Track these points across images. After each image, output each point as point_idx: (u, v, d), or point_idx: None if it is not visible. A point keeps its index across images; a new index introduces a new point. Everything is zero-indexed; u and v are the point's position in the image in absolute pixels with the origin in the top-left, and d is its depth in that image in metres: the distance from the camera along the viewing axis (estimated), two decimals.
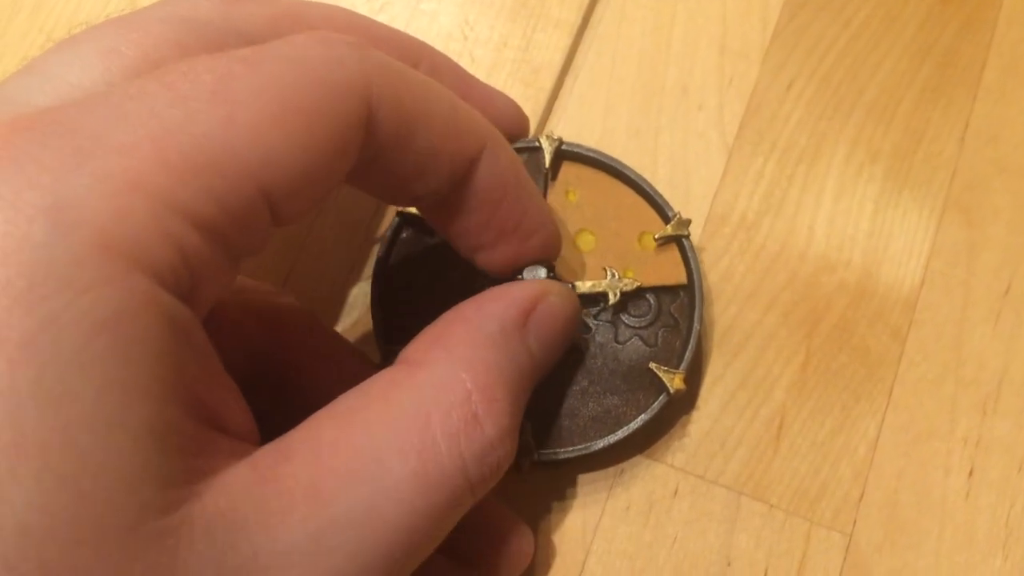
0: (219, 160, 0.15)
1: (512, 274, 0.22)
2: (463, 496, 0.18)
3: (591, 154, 0.26)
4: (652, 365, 0.24)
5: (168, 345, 0.14)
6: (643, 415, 0.24)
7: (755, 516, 0.24)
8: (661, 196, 0.25)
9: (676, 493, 0.24)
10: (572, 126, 0.28)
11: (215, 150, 0.15)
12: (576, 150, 0.26)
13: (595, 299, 0.24)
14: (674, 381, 0.24)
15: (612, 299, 0.24)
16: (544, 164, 0.25)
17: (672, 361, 0.24)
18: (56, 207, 0.14)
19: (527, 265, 0.22)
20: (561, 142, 0.25)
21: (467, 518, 0.22)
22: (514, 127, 0.25)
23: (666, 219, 0.25)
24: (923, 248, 0.26)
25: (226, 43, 0.18)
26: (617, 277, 0.24)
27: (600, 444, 0.24)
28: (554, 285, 0.22)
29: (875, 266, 0.26)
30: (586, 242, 0.25)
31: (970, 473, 0.25)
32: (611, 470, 0.25)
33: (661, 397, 0.24)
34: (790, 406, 0.25)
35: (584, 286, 0.24)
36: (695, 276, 0.24)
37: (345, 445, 0.17)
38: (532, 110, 0.27)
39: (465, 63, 0.28)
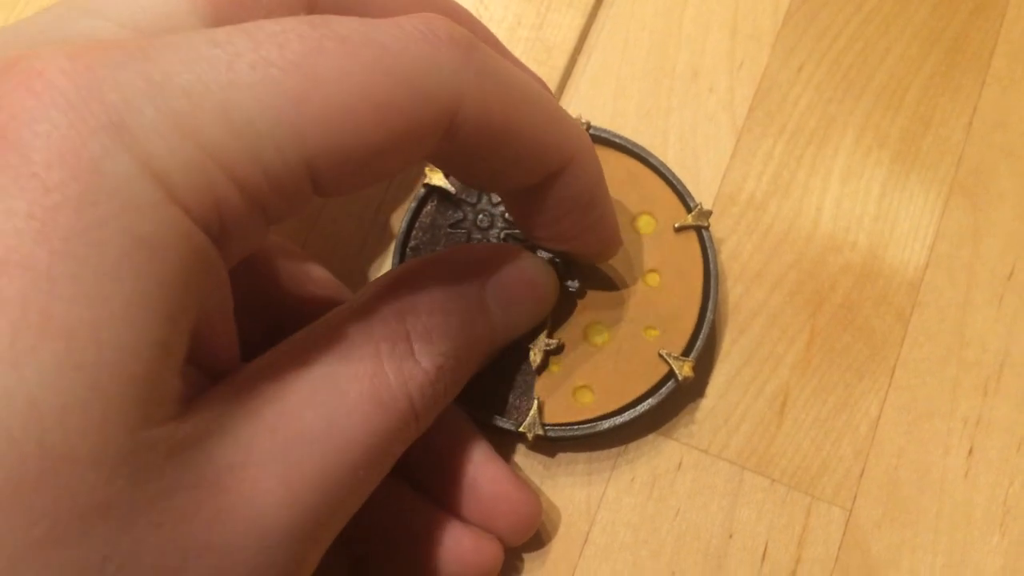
0: (278, 133, 0.15)
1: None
2: (409, 422, 0.19)
3: (618, 140, 0.26)
4: (662, 352, 0.24)
5: (195, 278, 0.15)
6: (650, 399, 0.24)
7: (757, 490, 0.25)
8: (683, 185, 0.26)
9: (680, 467, 0.25)
10: (584, 106, 0.28)
11: (278, 122, 0.15)
12: (603, 135, 0.26)
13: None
14: (683, 369, 0.24)
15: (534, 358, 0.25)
16: None
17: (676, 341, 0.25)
18: (118, 126, 0.14)
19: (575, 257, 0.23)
20: (589, 126, 0.26)
21: (476, 481, 0.23)
22: (605, 253, 0.25)
23: (688, 208, 0.25)
24: (928, 231, 0.27)
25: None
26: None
27: (606, 425, 0.24)
28: (525, 252, 0.22)
29: (881, 248, 0.27)
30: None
31: (970, 452, 0.25)
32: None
33: (669, 383, 0.24)
34: (794, 384, 0.25)
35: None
36: (712, 267, 0.25)
37: (304, 370, 0.18)
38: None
39: None
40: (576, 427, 0.24)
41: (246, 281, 0.20)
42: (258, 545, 0.16)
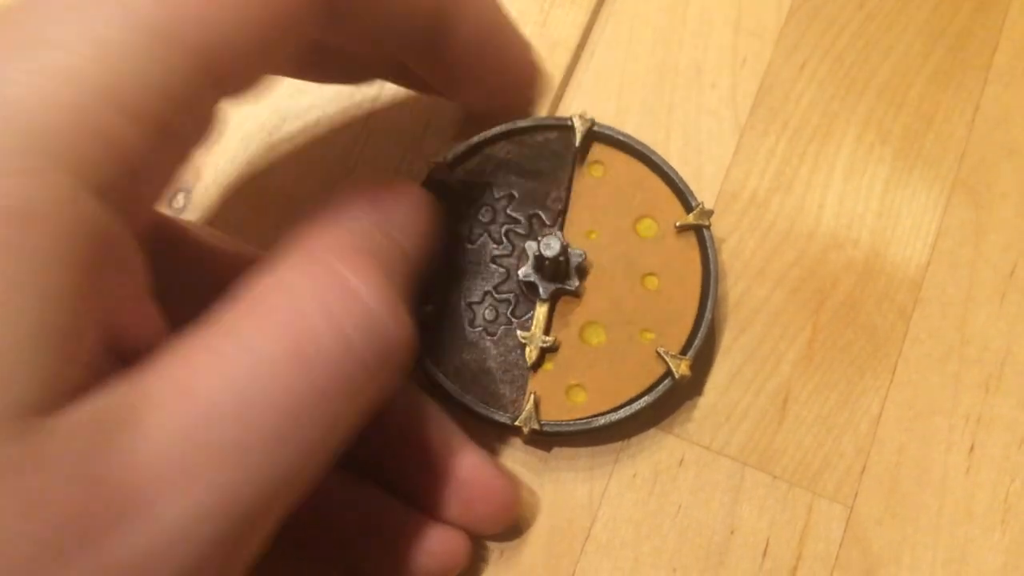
0: (152, 40, 0.14)
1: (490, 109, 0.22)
2: (353, 373, 0.17)
3: (622, 137, 0.26)
4: (659, 350, 0.24)
5: (82, 250, 0.14)
6: (647, 397, 0.24)
7: (759, 487, 0.25)
8: (686, 184, 0.26)
9: (682, 463, 0.25)
10: (587, 102, 0.28)
11: (148, 29, 0.14)
12: (607, 132, 0.26)
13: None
14: (680, 367, 0.24)
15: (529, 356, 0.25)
16: (575, 143, 0.26)
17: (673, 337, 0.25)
18: None
19: (496, 101, 0.22)
20: (593, 123, 0.26)
21: (453, 471, 0.22)
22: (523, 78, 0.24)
23: (689, 208, 0.25)
24: (931, 228, 0.27)
25: None
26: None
27: (601, 420, 0.24)
28: (404, 180, 0.21)
29: (883, 245, 0.27)
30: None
31: (971, 449, 0.25)
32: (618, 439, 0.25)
33: (666, 381, 0.24)
34: (796, 380, 0.26)
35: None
36: (712, 266, 0.25)
37: (214, 343, 0.16)
38: (548, 85, 0.28)
39: None
40: (572, 423, 0.24)
41: (181, 278, 0.19)
42: (165, 542, 0.14)
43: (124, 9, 0.14)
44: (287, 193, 0.27)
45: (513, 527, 0.24)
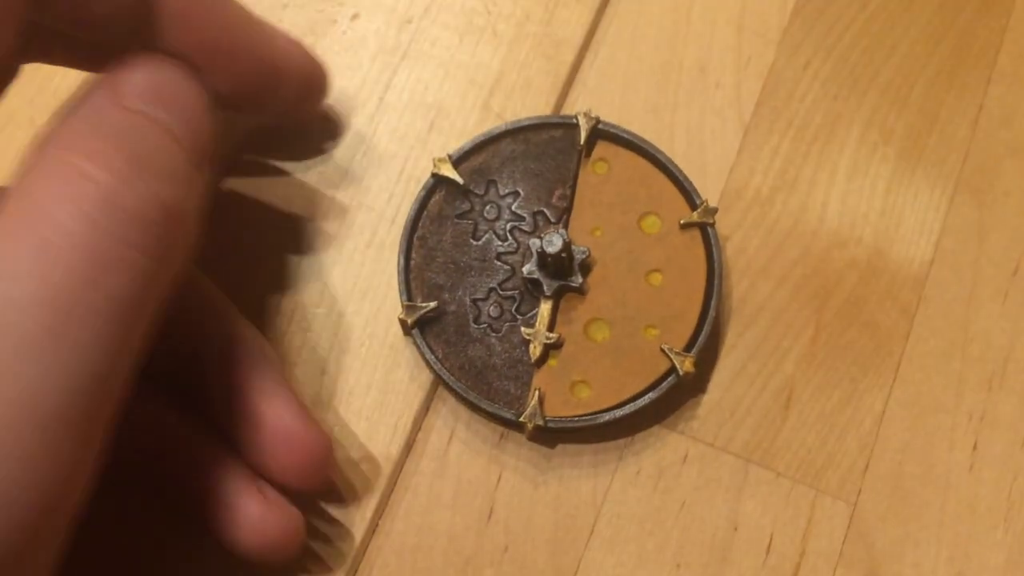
0: None
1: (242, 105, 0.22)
2: (113, 251, 0.17)
3: (626, 135, 0.26)
4: (664, 347, 0.24)
5: None
6: (651, 393, 0.24)
7: (762, 484, 0.25)
8: (690, 183, 0.26)
9: (686, 459, 0.25)
10: (591, 101, 0.28)
11: None
12: (612, 130, 0.26)
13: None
14: (684, 364, 0.24)
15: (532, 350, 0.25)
16: (579, 141, 0.26)
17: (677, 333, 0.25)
18: None
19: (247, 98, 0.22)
20: (598, 121, 0.26)
21: (262, 417, 0.22)
22: (306, 74, 0.23)
23: (693, 205, 0.25)
24: (934, 227, 0.27)
25: None
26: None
27: (606, 417, 0.24)
28: (140, 54, 0.20)
29: (886, 244, 0.27)
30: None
31: (974, 447, 0.25)
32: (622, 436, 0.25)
33: (670, 378, 0.24)
34: (799, 378, 0.26)
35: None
36: (716, 264, 0.25)
37: None
38: (553, 84, 0.28)
39: (488, 37, 0.28)
40: (576, 419, 0.24)
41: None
42: None
43: None
44: (287, 194, 0.27)
45: (328, 486, 0.24)
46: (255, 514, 0.21)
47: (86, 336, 0.16)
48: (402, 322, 0.25)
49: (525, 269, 0.25)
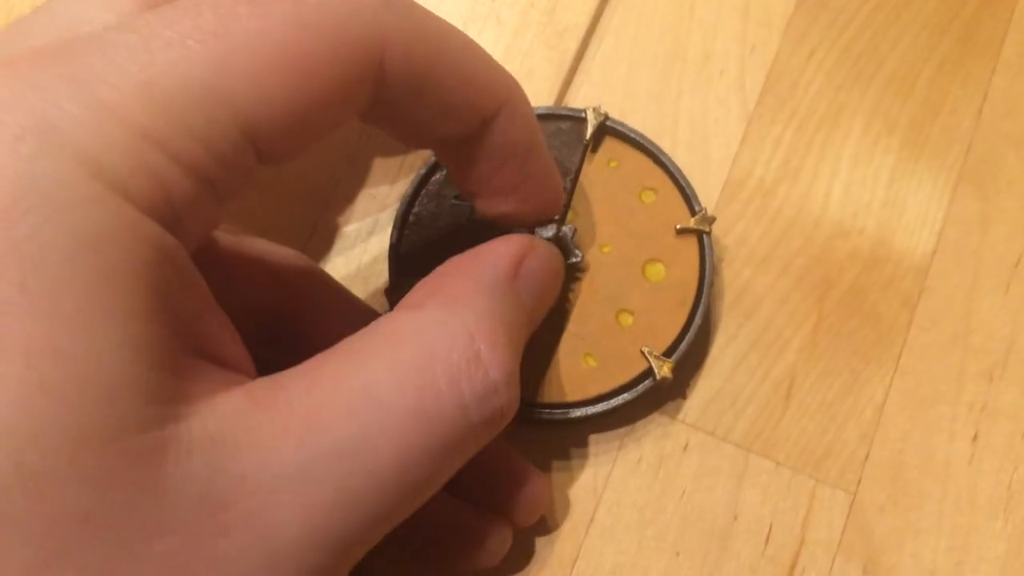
0: (205, 102, 0.15)
1: (507, 227, 0.22)
2: (464, 438, 0.18)
3: (633, 135, 0.26)
4: (644, 349, 0.24)
5: (152, 268, 0.15)
6: (626, 394, 0.24)
7: (762, 473, 0.25)
8: (692, 189, 0.25)
9: (686, 448, 0.25)
10: (595, 89, 0.28)
11: (203, 92, 0.15)
12: (619, 128, 0.26)
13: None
14: (663, 369, 0.24)
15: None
16: (586, 135, 0.26)
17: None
18: (43, 128, 0.14)
19: (520, 223, 0.22)
20: (606, 117, 0.26)
21: (485, 464, 0.23)
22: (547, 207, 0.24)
23: (693, 211, 0.25)
24: (936, 218, 0.27)
25: None
26: None
27: (578, 413, 0.24)
28: (537, 240, 0.22)
29: (889, 234, 0.27)
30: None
31: (974, 438, 0.25)
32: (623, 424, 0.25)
33: (647, 381, 0.24)
34: (800, 368, 0.26)
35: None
36: (707, 273, 0.25)
37: (343, 380, 0.17)
38: (556, 72, 0.28)
39: (491, 25, 0.28)
40: (548, 411, 0.24)
41: (237, 290, 0.20)
42: (267, 565, 0.15)
43: (176, 61, 0.15)
44: (291, 181, 0.27)
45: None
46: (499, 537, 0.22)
47: (406, 490, 0.17)
48: (389, 299, 0.25)
49: None
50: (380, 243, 0.26)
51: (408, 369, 0.17)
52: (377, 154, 0.27)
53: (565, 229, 0.25)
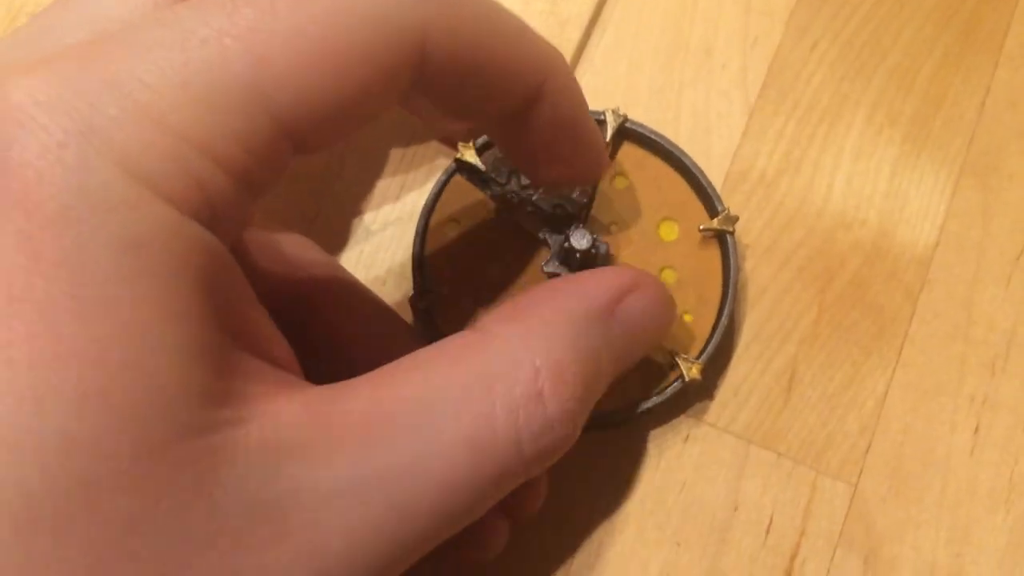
0: (244, 102, 0.15)
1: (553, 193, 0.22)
2: (514, 470, 0.17)
3: (652, 136, 0.26)
4: (673, 351, 0.24)
5: (198, 269, 0.15)
6: (655, 397, 0.24)
7: (763, 464, 0.25)
8: (715, 189, 0.25)
9: (687, 439, 0.25)
10: (597, 80, 0.28)
11: (241, 91, 0.15)
12: (639, 130, 0.26)
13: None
14: (691, 371, 0.24)
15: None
16: (606, 137, 0.25)
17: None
18: (86, 132, 0.14)
19: (567, 183, 0.22)
20: (626, 119, 0.26)
21: None
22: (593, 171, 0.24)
23: (714, 212, 0.25)
24: (939, 210, 0.27)
25: None
26: None
27: (616, 418, 0.24)
28: (649, 277, 0.21)
29: (891, 226, 0.27)
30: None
31: (975, 430, 0.25)
32: None
33: (676, 383, 0.24)
34: (802, 359, 0.26)
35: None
36: (732, 273, 0.25)
37: (403, 398, 0.17)
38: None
39: None
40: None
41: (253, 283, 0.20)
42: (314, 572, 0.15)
43: (213, 59, 0.15)
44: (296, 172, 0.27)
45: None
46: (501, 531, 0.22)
47: (451, 516, 0.17)
48: (413, 306, 0.25)
49: (547, 267, 0.24)
50: (396, 243, 0.26)
51: (468, 396, 0.17)
52: (381, 145, 0.27)
53: (599, 244, 0.24)
